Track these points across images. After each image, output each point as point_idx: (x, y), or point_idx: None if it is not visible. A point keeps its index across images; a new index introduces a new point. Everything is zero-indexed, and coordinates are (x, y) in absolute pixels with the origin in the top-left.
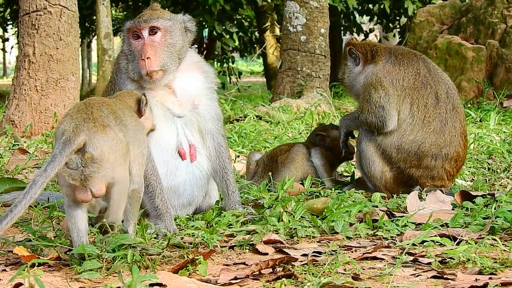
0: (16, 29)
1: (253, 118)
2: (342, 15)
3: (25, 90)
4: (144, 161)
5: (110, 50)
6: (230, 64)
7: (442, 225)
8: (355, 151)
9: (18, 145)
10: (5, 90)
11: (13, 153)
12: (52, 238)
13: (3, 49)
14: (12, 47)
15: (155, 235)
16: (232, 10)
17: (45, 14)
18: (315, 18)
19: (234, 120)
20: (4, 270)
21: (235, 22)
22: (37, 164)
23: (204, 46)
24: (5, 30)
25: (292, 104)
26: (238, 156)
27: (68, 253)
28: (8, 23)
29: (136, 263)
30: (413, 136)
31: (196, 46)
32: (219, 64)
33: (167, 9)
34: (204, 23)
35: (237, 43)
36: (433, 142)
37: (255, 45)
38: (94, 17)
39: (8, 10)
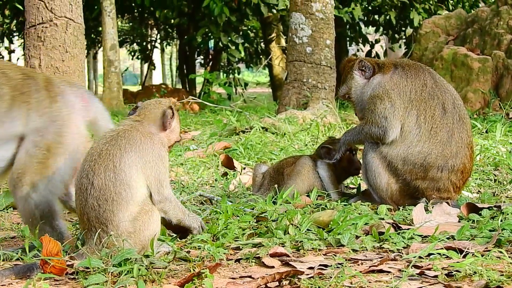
0: (22, 41)
1: (259, 129)
2: (347, 26)
3: None
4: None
5: (116, 62)
6: (236, 75)
7: (448, 238)
8: (361, 165)
9: None
10: None
11: None
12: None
13: (9, 61)
14: (18, 58)
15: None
16: (237, 21)
17: (51, 27)
18: (320, 29)
19: (240, 131)
20: (11, 284)
21: (241, 33)
22: None
23: (210, 57)
24: (11, 42)
25: (298, 115)
26: (244, 168)
27: (73, 266)
28: (14, 34)
29: (142, 277)
30: (420, 148)
31: (202, 57)
32: (225, 75)
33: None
34: (210, 34)
35: (243, 54)
36: (439, 153)
37: (261, 56)
38: (100, 29)
39: (14, 22)
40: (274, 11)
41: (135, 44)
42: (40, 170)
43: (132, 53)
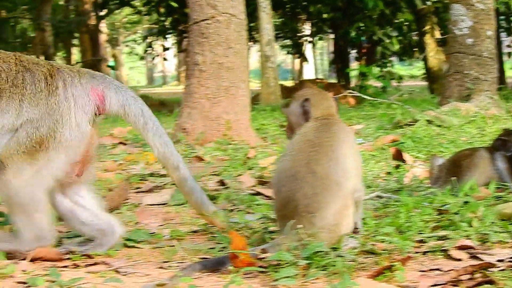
0: (177, 38)
1: (424, 122)
2: (503, 16)
3: (195, 98)
4: None
5: (272, 57)
6: (390, 68)
7: None
8: None
9: (193, 152)
10: (165, 98)
11: (190, 161)
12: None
13: (164, 58)
14: (174, 55)
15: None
16: (391, 14)
17: (214, 23)
18: (481, 20)
19: (404, 124)
20: (201, 277)
21: (395, 26)
22: (214, 171)
23: (364, 51)
24: (165, 39)
25: (461, 107)
26: (415, 161)
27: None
28: (169, 32)
29: (331, 270)
30: None
31: (355, 51)
32: (379, 68)
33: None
34: (364, 28)
35: (397, 47)
36: None
37: (414, 49)
38: (252, 24)
39: (169, 19)
40: (429, 3)
41: (287, 39)
42: (26, 159)
43: (285, 49)
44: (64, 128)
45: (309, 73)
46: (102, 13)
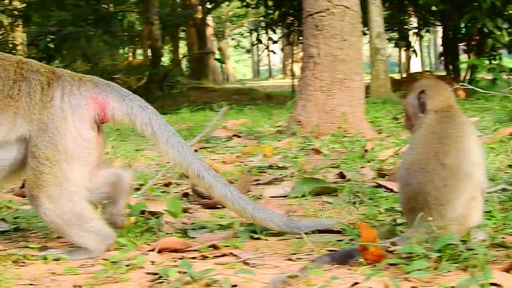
0: (282, 31)
1: None
2: None
3: (310, 90)
4: None
5: (382, 50)
6: (499, 61)
7: None
8: None
9: (310, 145)
10: (271, 91)
11: (307, 153)
12: None
13: (272, 51)
14: (281, 48)
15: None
16: (502, 5)
17: (328, 15)
18: None
19: None
20: (330, 269)
21: (505, 18)
22: (333, 164)
23: (474, 43)
24: (273, 32)
25: None
26: None
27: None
28: (277, 25)
29: (464, 263)
30: None
31: (464, 43)
32: (488, 61)
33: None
34: (474, 20)
35: (507, 39)
36: None
37: None
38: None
39: (277, 12)
40: None
41: (393, 32)
42: (48, 181)
43: (392, 41)
44: (65, 139)
45: (416, 66)
46: (209, 6)
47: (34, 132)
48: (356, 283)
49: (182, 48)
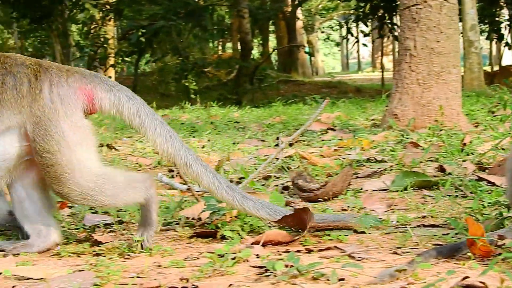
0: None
1: None
2: None
3: (406, 83)
4: None
5: (476, 42)
6: None
7: None
8: None
9: (407, 138)
10: (361, 84)
11: (405, 147)
12: None
13: (364, 44)
14: (373, 41)
15: None
16: None
17: (425, 8)
18: None
19: None
20: (437, 264)
21: None
22: (431, 157)
23: None
24: (365, 25)
25: None
26: None
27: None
28: (368, 18)
29: None
30: None
31: None
32: None
33: None
34: None
35: None
36: None
37: None
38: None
39: (368, 5)
40: None
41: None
42: (61, 171)
43: (484, 34)
44: (60, 128)
45: (507, 58)
46: None
47: (29, 127)
48: (466, 277)
49: (272, 41)
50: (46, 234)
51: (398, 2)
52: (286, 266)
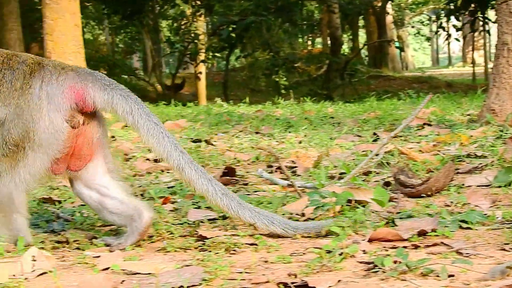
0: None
1: None
2: None
3: (504, 78)
4: None
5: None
6: None
7: None
8: None
9: (507, 134)
10: (451, 79)
11: (504, 142)
12: None
13: (456, 39)
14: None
15: None
16: None
17: None
18: None
19: None
20: None
21: None
22: None
23: None
24: (457, 20)
25: None
26: None
27: None
28: (460, 12)
29: None
30: None
31: None
32: None
33: None
34: None
35: None
36: None
37: None
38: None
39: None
40: None
41: None
42: (5, 162)
43: None
44: (37, 127)
45: None
46: None
47: (10, 116)
48: None
49: (361, 36)
50: (138, 215)
51: None
52: (395, 262)
